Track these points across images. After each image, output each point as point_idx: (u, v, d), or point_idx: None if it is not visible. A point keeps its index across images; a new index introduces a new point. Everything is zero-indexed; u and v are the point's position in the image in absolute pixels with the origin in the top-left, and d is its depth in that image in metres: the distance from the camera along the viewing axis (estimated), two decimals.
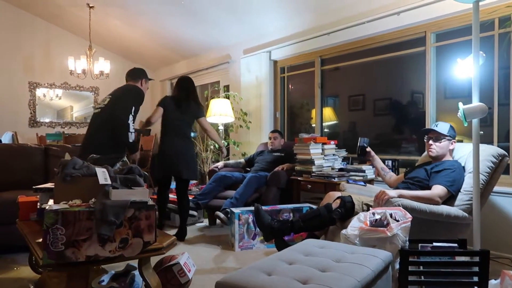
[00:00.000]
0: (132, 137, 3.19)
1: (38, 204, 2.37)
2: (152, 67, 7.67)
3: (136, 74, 3.58)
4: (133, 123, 3.24)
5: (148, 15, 5.48)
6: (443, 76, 3.48)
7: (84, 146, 3.22)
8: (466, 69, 2.54)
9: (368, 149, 3.14)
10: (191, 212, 3.71)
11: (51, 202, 2.10)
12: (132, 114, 3.22)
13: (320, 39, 4.30)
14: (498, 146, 2.89)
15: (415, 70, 3.69)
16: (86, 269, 1.85)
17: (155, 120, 3.67)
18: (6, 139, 5.39)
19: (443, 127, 2.72)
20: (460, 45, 3.31)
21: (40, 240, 1.88)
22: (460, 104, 2.27)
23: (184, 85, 3.79)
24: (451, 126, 2.75)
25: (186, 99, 3.68)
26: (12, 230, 2.73)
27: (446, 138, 2.70)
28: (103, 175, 1.96)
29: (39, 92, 6.74)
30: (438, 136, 2.72)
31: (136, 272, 2.17)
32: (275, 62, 5.05)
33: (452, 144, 2.74)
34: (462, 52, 3.20)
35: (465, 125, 2.28)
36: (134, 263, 2.11)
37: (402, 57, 3.81)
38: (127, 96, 3.30)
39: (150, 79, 3.75)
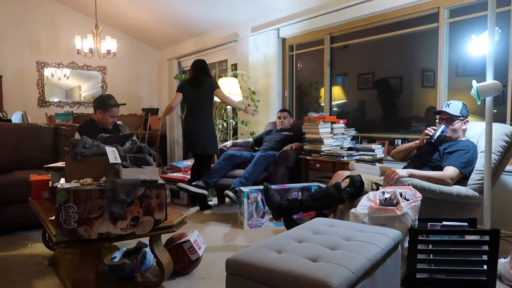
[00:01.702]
0: None
1: (50, 182, 2.40)
2: (159, 46, 7.61)
3: (94, 107, 3.34)
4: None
5: None
6: (456, 53, 3.40)
7: None
8: (480, 45, 2.48)
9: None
10: (201, 191, 3.73)
11: (62, 180, 2.12)
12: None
13: (329, 16, 4.21)
14: (511, 125, 2.84)
15: (426, 48, 3.61)
16: (98, 246, 1.88)
17: (176, 105, 4.04)
18: (16, 118, 5.43)
19: (455, 107, 2.65)
20: (475, 21, 3.22)
21: (53, 218, 1.91)
22: (474, 82, 2.22)
23: (197, 65, 4.01)
24: (463, 104, 2.69)
25: (199, 77, 3.93)
26: (25, 208, 2.78)
27: (459, 119, 2.65)
28: (113, 154, 1.97)
29: (47, 71, 6.74)
30: (450, 117, 2.65)
31: (148, 249, 2.20)
32: (284, 40, 4.97)
33: (465, 124, 2.69)
34: (477, 28, 3.12)
35: (478, 103, 2.24)
36: (146, 240, 2.14)
37: (414, 34, 3.72)
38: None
39: (114, 106, 3.29)
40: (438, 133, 2.61)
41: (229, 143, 4.47)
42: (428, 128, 2.70)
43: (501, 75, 2.97)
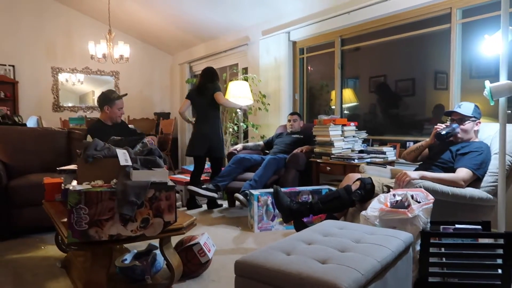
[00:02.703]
0: None
1: (63, 185, 2.44)
2: (171, 51, 7.69)
3: (99, 104, 3.48)
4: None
5: None
6: (469, 54, 3.35)
7: None
8: (494, 45, 2.44)
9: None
10: (211, 194, 3.75)
11: (74, 183, 2.15)
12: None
13: (340, 18, 4.19)
14: None
15: (439, 49, 3.57)
16: (109, 248, 1.90)
17: (183, 110, 4.27)
18: (32, 123, 5.54)
19: (467, 108, 2.62)
20: (488, 21, 3.17)
21: (65, 219, 1.94)
22: (487, 83, 2.19)
23: (203, 73, 4.23)
24: (475, 106, 2.65)
25: (204, 84, 4.11)
26: (39, 211, 2.82)
27: (471, 119, 2.61)
28: (123, 157, 1.99)
29: (62, 77, 6.86)
30: (462, 118, 2.62)
31: (158, 252, 2.22)
32: (294, 43, 4.97)
33: (476, 125, 2.65)
34: (490, 29, 3.07)
35: (492, 104, 2.20)
36: (156, 242, 2.15)
37: (426, 36, 3.68)
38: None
39: (118, 98, 3.43)
40: (448, 129, 2.59)
41: (239, 146, 4.48)
42: (439, 124, 2.69)
43: None
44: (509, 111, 2.24)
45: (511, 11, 2.73)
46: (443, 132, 2.58)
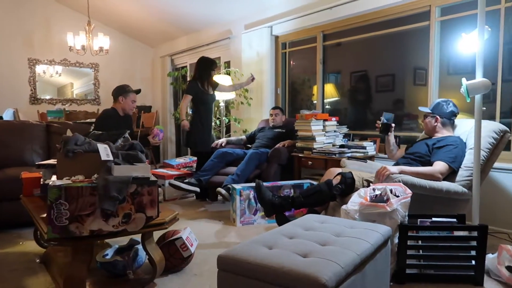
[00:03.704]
0: None
1: (42, 180, 2.39)
2: (152, 43, 7.58)
3: (114, 95, 3.59)
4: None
5: None
6: (447, 51, 3.43)
7: None
8: (470, 43, 2.51)
9: (393, 124, 3.03)
10: (193, 188, 3.75)
11: (54, 178, 2.12)
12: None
13: (322, 14, 4.22)
14: (500, 123, 2.88)
15: (418, 46, 3.63)
16: (90, 243, 1.88)
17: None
18: (8, 116, 5.39)
19: (432, 105, 2.83)
20: (465, 19, 3.25)
21: (45, 215, 1.91)
22: (463, 80, 2.25)
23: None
24: (437, 103, 2.80)
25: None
26: (16, 206, 2.77)
27: (430, 115, 2.79)
28: (105, 151, 1.97)
29: (39, 68, 6.68)
30: (426, 114, 2.84)
31: (140, 246, 2.21)
32: (277, 37, 4.97)
33: (436, 120, 2.75)
34: (467, 27, 3.15)
35: (468, 100, 2.27)
36: (138, 237, 2.14)
37: (406, 32, 3.74)
38: (95, 124, 3.53)
39: (133, 91, 3.60)
40: (382, 122, 2.98)
41: (223, 140, 4.47)
42: (378, 121, 3.01)
43: (491, 73, 3.01)
44: (484, 108, 2.31)
45: (488, 10, 2.81)
46: (381, 127, 2.98)
